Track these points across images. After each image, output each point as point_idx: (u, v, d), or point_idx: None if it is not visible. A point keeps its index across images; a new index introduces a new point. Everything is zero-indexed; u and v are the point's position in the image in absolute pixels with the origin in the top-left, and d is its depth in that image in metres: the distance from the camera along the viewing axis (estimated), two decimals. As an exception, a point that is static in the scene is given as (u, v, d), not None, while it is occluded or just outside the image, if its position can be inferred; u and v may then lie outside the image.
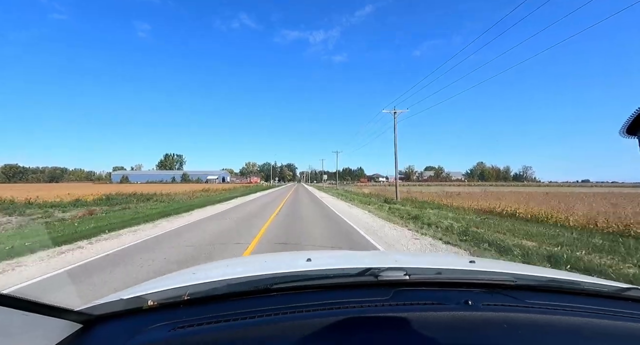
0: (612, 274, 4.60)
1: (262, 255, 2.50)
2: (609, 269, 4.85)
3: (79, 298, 3.71)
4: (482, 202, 16.25)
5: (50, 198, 19.49)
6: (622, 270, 4.85)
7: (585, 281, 1.11)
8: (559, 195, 23.94)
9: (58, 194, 22.41)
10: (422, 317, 0.78)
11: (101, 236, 7.65)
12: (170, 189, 34.83)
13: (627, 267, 5.14)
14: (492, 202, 15.69)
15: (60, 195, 20.86)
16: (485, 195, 22.53)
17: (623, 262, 5.40)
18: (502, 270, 1.18)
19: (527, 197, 20.03)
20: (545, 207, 13.18)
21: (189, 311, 0.85)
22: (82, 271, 4.77)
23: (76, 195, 20.96)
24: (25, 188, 41.44)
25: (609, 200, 17.13)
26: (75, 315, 0.79)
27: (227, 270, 1.41)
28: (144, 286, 1.17)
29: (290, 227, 9.34)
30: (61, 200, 18.41)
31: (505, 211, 13.11)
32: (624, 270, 4.90)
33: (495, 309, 0.85)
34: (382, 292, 0.92)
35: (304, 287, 0.97)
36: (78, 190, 28.28)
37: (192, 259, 5.35)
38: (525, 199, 18.32)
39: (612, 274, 4.57)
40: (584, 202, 16.20)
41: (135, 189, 32.66)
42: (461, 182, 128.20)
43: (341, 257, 1.93)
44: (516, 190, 40.68)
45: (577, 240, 7.26)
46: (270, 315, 0.80)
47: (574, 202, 15.99)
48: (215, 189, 41.44)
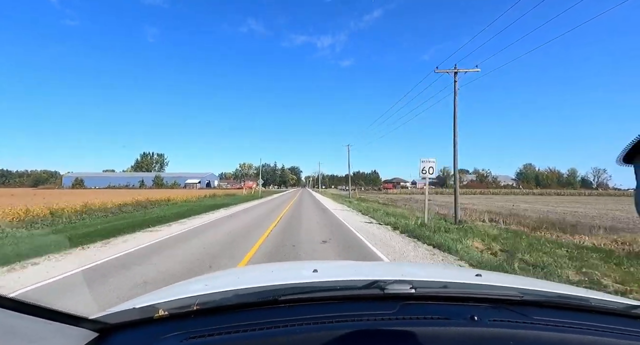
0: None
1: (268, 265, 2.51)
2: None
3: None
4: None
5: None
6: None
7: (593, 297, 1.08)
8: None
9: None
10: (428, 332, 0.79)
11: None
12: (110, 197, 21.63)
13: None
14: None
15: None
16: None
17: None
18: (508, 285, 1.17)
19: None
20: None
21: (199, 321, 0.87)
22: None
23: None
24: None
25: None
26: (91, 324, 0.80)
27: (236, 279, 1.42)
28: (155, 294, 1.20)
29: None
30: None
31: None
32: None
33: (502, 325, 0.84)
34: (388, 306, 0.92)
35: (310, 299, 0.97)
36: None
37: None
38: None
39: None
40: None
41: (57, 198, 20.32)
42: (512, 189, 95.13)
43: (347, 268, 1.90)
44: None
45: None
46: (279, 327, 0.81)
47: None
48: (184, 197, 28.05)
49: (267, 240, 8.36)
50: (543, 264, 5.71)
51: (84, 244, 7.39)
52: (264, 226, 11.05)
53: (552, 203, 33.19)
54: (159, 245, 7.57)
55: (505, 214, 17.50)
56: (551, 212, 21.03)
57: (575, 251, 6.93)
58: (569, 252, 6.84)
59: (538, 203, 32.77)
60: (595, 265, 5.76)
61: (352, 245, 7.87)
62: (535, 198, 43.19)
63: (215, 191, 48.08)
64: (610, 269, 5.58)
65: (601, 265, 5.78)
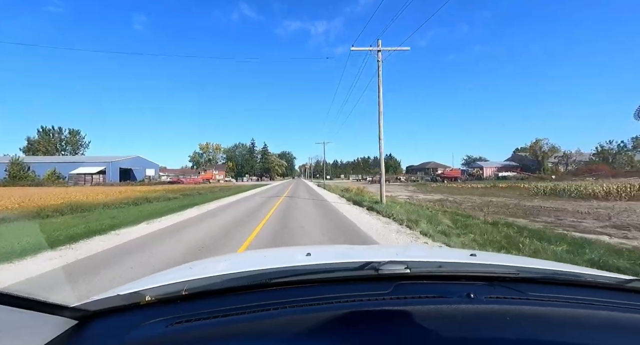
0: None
1: (261, 250, 2.43)
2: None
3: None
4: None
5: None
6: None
7: (587, 273, 1.10)
8: None
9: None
10: (423, 310, 0.78)
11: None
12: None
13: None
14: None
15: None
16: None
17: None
18: (503, 263, 1.18)
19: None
20: None
21: (187, 306, 0.84)
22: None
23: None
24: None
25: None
26: (70, 312, 0.77)
27: (226, 265, 1.38)
28: (142, 282, 1.15)
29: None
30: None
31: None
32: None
33: (498, 302, 0.85)
34: (382, 286, 0.91)
35: (303, 281, 0.95)
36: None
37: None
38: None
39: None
40: None
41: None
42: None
43: (341, 251, 1.90)
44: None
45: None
46: (269, 310, 0.79)
47: None
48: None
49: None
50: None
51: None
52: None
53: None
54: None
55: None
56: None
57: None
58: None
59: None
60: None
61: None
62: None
63: (107, 189, 27.57)
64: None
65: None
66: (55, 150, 75.61)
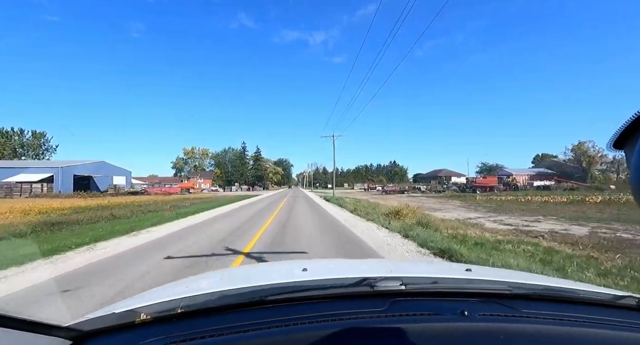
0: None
1: (257, 265, 2.34)
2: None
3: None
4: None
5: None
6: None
7: (580, 289, 1.11)
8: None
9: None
10: (418, 328, 0.79)
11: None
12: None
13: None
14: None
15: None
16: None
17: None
18: (498, 279, 1.18)
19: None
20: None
21: (182, 325, 0.83)
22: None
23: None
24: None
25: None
26: (64, 332, 0.77)
27: (222, 281, 1.37)
28: (136, 299, 1.14)
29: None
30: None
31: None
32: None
33: (492, 320, 0.85)
34: (378, 303, 0.92)
35: (298, 298, 0.95)
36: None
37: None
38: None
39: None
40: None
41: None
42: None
43: (337, 266, 1.90)
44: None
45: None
46: (263, 329, 0.78)
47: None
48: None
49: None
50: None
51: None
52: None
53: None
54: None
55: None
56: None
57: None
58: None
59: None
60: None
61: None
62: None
63: (32, 203, 18.96)
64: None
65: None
66: (14, 155, 64.84)
